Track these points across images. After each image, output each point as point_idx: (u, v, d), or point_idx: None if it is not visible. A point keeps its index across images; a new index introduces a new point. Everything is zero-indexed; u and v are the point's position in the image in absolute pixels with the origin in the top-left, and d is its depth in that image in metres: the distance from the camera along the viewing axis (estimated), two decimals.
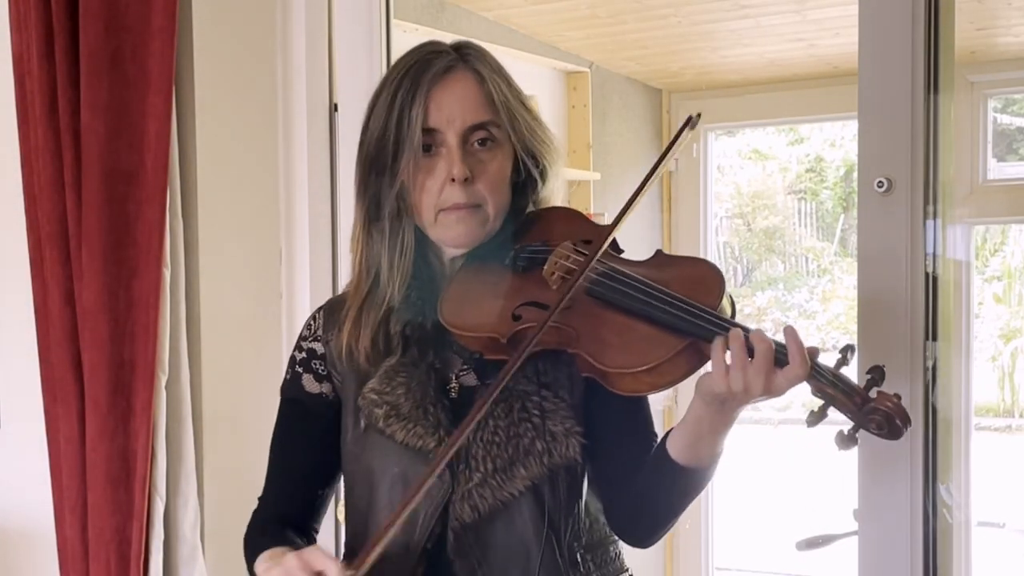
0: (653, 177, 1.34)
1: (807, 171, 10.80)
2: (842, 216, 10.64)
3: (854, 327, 1.81)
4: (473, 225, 1.33)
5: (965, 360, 3.85)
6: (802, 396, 1.20)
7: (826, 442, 1.20)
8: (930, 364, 1.70)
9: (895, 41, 1.67)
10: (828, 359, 1.19)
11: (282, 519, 1.45)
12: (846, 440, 1.16)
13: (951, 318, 1.84)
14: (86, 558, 2.10)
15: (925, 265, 1.69)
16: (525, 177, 1.38)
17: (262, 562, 1.30)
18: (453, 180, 1.31)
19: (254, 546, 1.38)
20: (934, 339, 1.70)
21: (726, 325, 1.19)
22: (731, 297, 1.28)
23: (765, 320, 10.64)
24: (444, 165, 1.31)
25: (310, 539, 1.47)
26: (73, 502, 2.10)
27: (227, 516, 2.13)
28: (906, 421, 1.15)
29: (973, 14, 3.48)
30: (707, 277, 1.28)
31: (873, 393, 1.16)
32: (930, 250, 1.69)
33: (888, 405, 1.14)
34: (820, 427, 1.20)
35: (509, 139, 1.35)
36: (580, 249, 1.32)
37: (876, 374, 1.18)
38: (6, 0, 2.16)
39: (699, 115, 1.37)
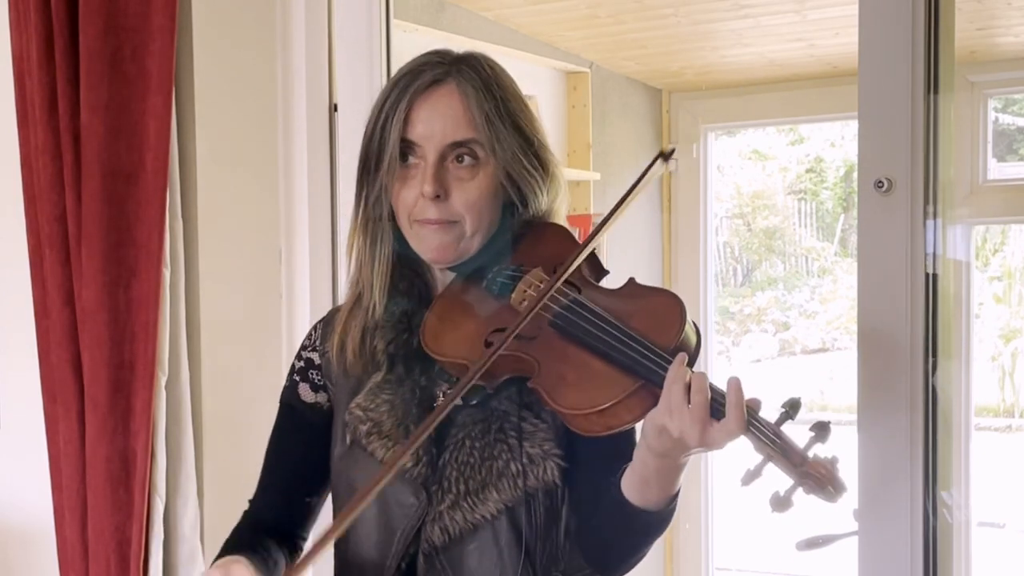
0: (622, 207, 1.28)
1: (807, 171, 10.80)
2: (842, 216, 10.65)
3: (854, 327, 1.81)
4: (447, 241, 1.31)
5: (965, 360, 3.85)
6: (803, 396, 1.18)
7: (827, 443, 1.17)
8: (930, 365, 1.70)
9: (895, 41, 1.67)
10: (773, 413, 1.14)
11: (268, 525, 1.46)
12: (781, 502, 1.11)
13: (951, 318, 1.84)
14: (86, 558, 2.10)
15: (925, 265, 1.69)
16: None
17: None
18: (424, 196, 1.30)
19: (224, 550, 1.41)
20: (934, 339, 1.70)
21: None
22: (696, 328, 1.24)
23: (765, 320, 10.64)
24: (419, 179, 1.30)
25: (295, 547, 1.47)
26: (73, 502, 2.10)
27: (227, 516, 2.12)
28: (839, 488, 1.11)
29: (973, 14, 3.49)
30: (666, 313, 1.23)
31: (811, 453, 1.12)
32: (930, 250, 1.69)
33: (821, 472, 1.10)
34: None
35: (491, 159, 1.31)
36: (551, 276, 1.29)
37: (819, 432, 1.13)
38: (6, 0, 2.16)
39: (673, 149, 1.33)
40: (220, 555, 1.40)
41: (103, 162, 2.02)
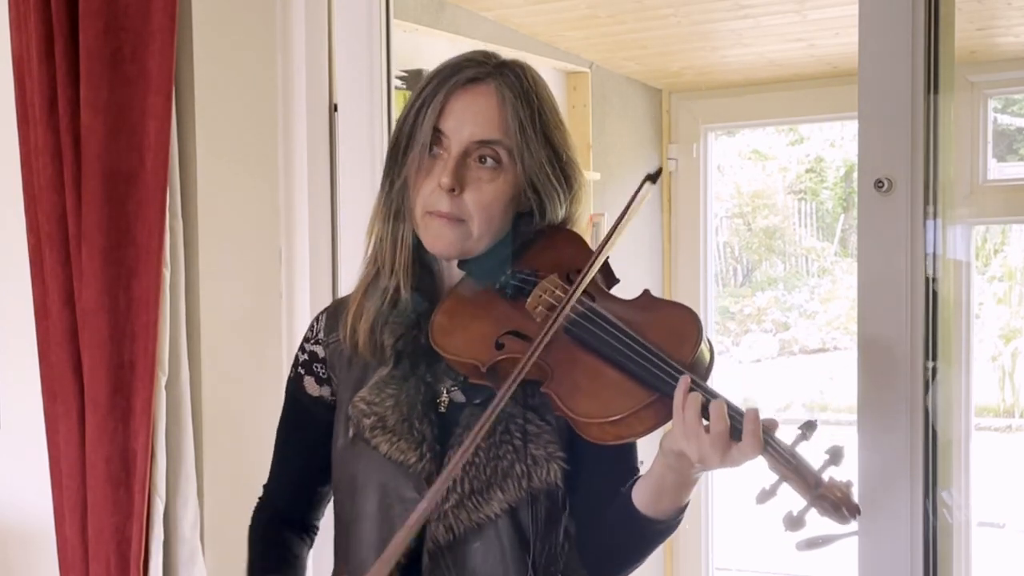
0: (621, 226, 1.29)
1: (807, 171, 10.80)
2: (842, 216, 10.64)
3: (854, 327, 1.81)
4: (452, 237, 1.32)
5: (965, 360, 3.85)
6: (803, 396, 1.18)
7: (826, 443, 1.17)
8: (930, 365, 1.70)
9: (895, 41, 1.67)
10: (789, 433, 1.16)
11: (284, 514, 1.50)
12: (794, 522, 1.12)
13: (951, 319, 1.84)
14: (86, 558, 2.10)
15: (925, 265, 1.69)
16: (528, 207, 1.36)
17: None
18: (440, 187, 1.30)
19: (254, 553, 1.47)
20: (934, 340, 1.70)
21: (692, 387, 1.17)
22: (710, 345, 1.26)
23: (765, 320, 10.64)
24: (438, 170, 1.31)
25: (310, 533, 1.52)
26: (73, 502, 2.10)
27: (227, 516, 2.13)
28: (853, 511, 1.12)
29: (973, 14, 3.49)
30: (684, 328, 1.25)
31: (827, 476, 1.13)
32: (930, 250, 1.69)
33: (836, 495, 1.12)
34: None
35: (516, 166, 1.32)
36: (567, 283, 1.30)
37: (833, 455, 1.14)
38: (6, 0, 2.16)
39: (659, 170, 1.34)
40: (253, 564, 1.47)
41: (103, 162, 2.02)
